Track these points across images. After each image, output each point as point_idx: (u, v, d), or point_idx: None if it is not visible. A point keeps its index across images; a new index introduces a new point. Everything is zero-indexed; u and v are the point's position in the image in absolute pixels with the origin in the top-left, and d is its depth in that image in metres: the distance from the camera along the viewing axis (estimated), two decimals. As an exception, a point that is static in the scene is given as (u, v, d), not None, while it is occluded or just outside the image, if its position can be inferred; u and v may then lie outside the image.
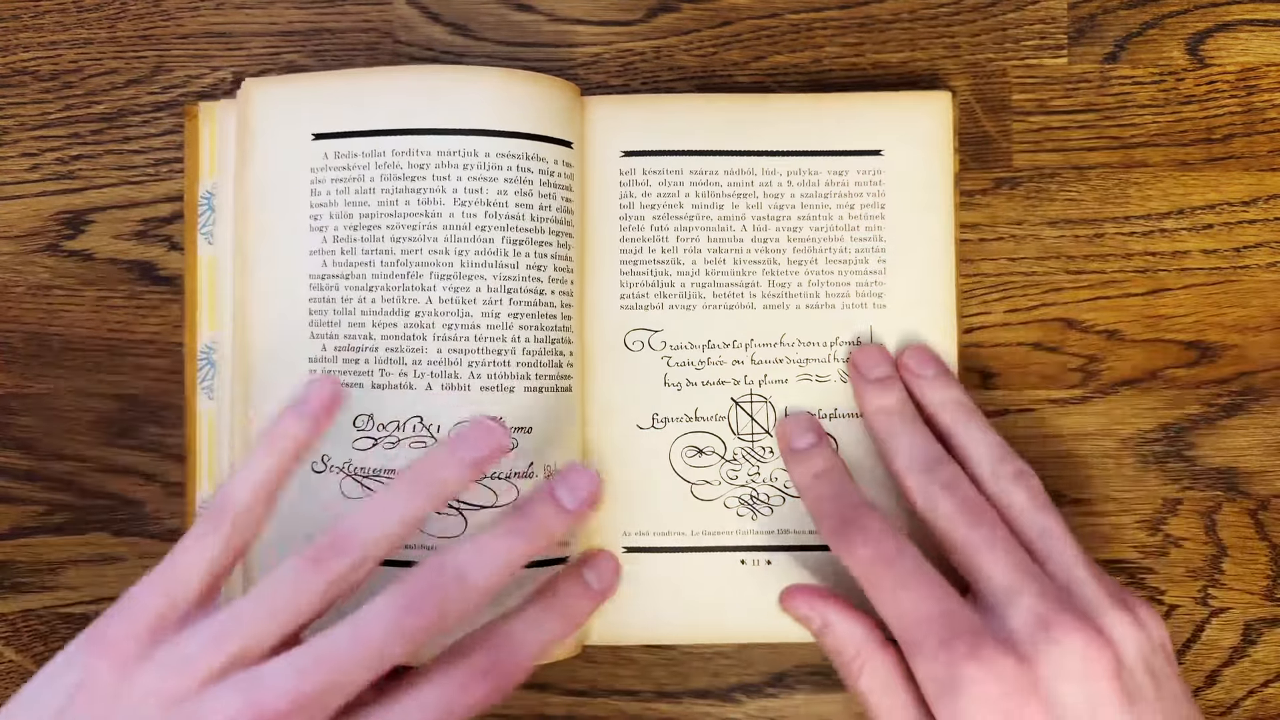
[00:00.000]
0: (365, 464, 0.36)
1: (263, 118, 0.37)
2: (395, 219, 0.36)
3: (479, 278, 0.36)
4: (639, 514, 0.38)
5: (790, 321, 0.38)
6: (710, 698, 0.39)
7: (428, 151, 0.36)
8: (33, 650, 0.39)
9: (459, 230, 0.36)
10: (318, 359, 0.36)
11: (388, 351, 0.36)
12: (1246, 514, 0.40)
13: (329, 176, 0.36)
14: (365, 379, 0.36)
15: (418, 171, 0.36)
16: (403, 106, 0.36)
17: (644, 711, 0.40)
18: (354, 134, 0.36)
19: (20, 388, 0.40)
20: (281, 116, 0.37)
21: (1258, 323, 0.40)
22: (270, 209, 0.37)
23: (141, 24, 0.41)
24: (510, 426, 0.36)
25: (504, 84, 0.36)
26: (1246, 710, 0.40)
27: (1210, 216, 0.40)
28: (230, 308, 0.38)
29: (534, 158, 0.36)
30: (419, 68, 0.39)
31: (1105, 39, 0.40)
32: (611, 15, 0.41)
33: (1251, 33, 0.40)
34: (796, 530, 0.38)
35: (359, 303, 0.36)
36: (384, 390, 0.36)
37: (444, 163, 0.36)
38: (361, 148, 0.36)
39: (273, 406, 0.36)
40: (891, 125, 0.38)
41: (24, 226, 0.40)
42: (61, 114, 0.40)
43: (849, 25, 0.40)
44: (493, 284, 0.36)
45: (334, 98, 0.37)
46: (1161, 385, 0.40)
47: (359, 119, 0.36)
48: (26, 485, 0.40)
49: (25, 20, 0.41)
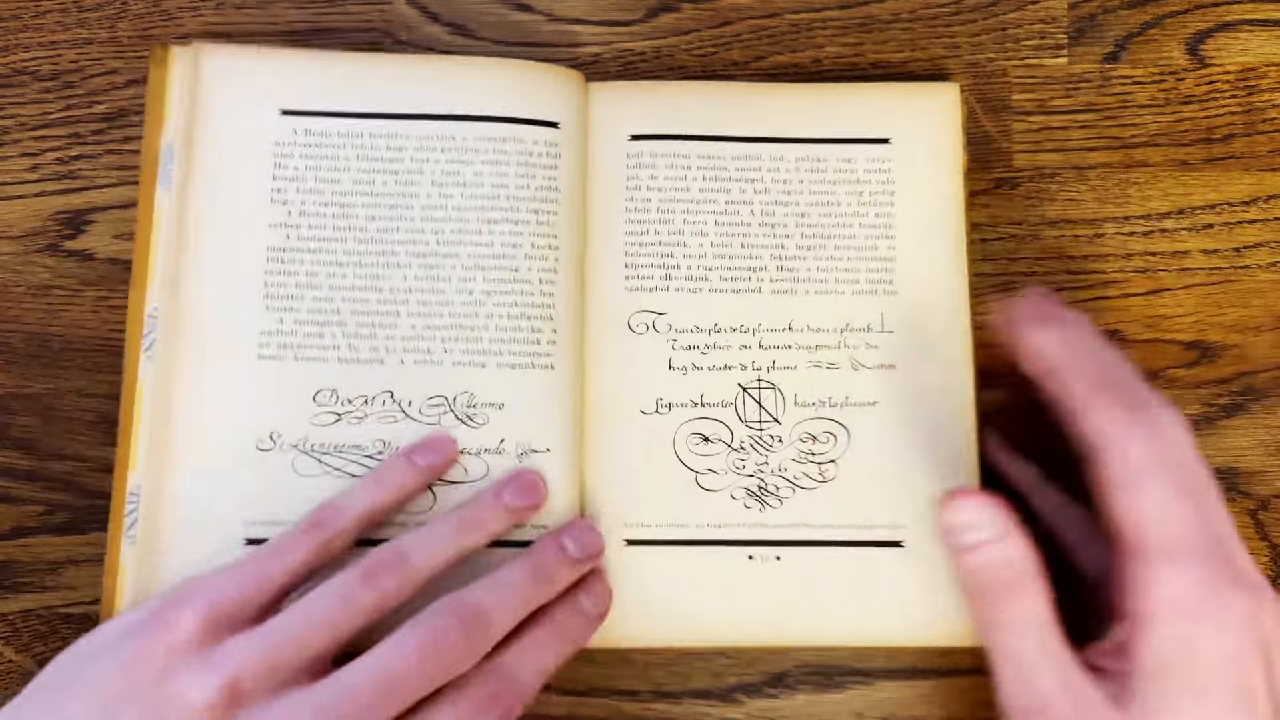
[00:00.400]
0: (325, 440, 0.36)
1: (223, 86, 0.37)
2: (371, 198, 0.37)
3: (453, 255, 0.37)
4: (641, 503, 0.37)
5: (799, 307, 0.38)
6: (710, 698, 0.39)
7: (406, 135, 0.37)
8: (33, 650, 0.39)
9: (434, 210, 0.37)
10: (272, 331, 0.36)
11: (358, 327, 0.36)
12: (1246, 514, 0.40)
13: (297, 152, 0.37)
14: (331, 353, 0.36)
15: (395, 154, 0.37)
16: (382, 94, 0.37)
17: (644, 711, 0.40)
18: (329, 114, 0.37)
19: (20, 388, 0.40)
20: (243, 88, 0.37)
21: (1258, 323, 0.40)
22: (224, 178, 0.37)
23: (141, 24, 0.41)
24: (481, 403, 0.36)
25: (481, 71, 0.37)
26: (1246, 710, 0.40)
27: (1210, 216, 0.40)
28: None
29: (511, 139, 0.37)
30: (397, 56, 0.39)
31: (1105, 39, 0.40)
32: (611, 15, 0.41)
33: (1252, 33, 0.40)
34: (808, 524, 0.37)
35: (327, 278, 0.36)
36: (351, 365, 0.36)
37: (422, 146, 0.37)
38: (337, 128, 0.37)
39: (209, 379, 0.36)
40: (899, 115, 0.39)
41: (24, 226, 0.40)
42: (62, 114, 0.40)
43: (849, 25, 0.40)
44: (466, 262, 0.36)
45: (306, 77, 0.37)
46: (1161, 385, 0.40)
47: (336, 101, 0.37)
48: (26, 485, 0.40)
49: (25, 20, 0.41)
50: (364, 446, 0.36)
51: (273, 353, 0.36)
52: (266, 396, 0.36)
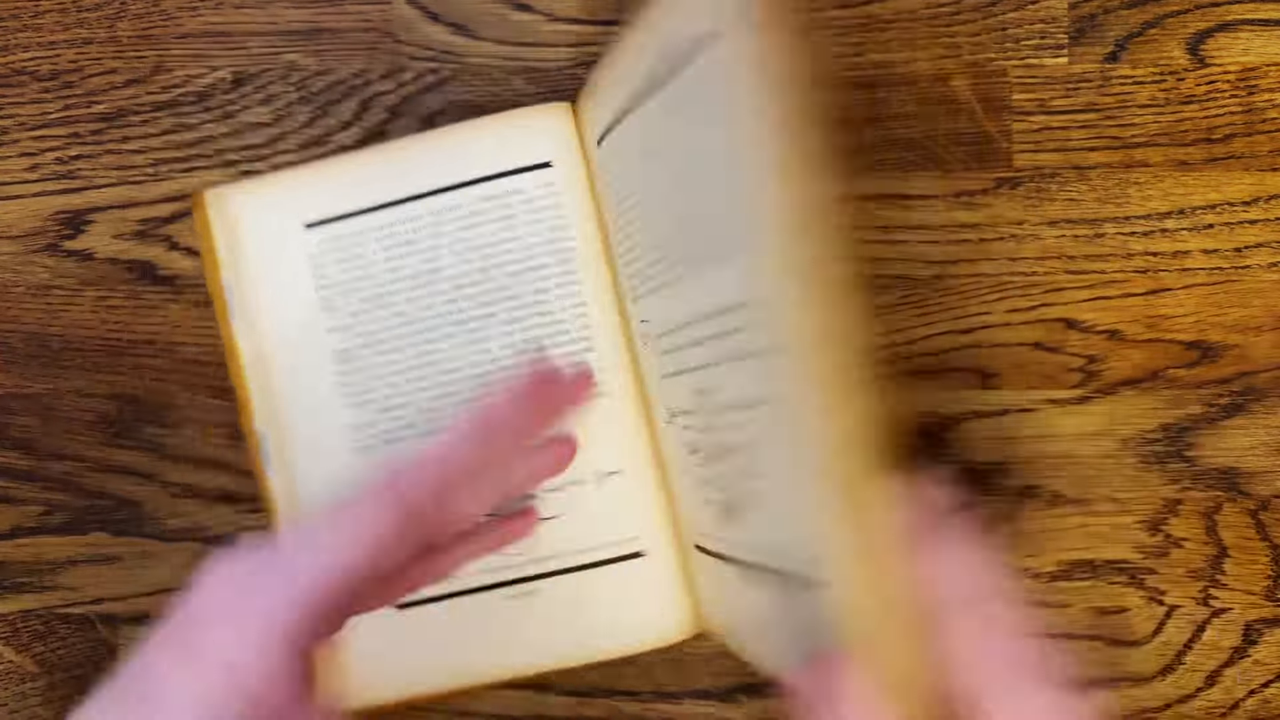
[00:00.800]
0: None
1: (250, 217, 0.38)
2: (404, 281, 0.38)
3: (490, 314, 0.38)
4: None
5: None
6: (711, 698, 0.39)
7: (419, 214, 0.38)
8: (32, 650, 0.39)
9: (461, 278, 0.38)
10: (360, 425, 0.38)
11: (428, 401, 0.38)
12: (1247, 514, 0.40)
13: (329, 258, 0.38)
14: (410, 431, 0.38)
15: (413, 235, 0.38)
16: (386, 183, 0.38)
17: (644, 712, 0.39)
18: (346, 216, 0.38)
19: (20, 388, 0.40)
20: (268, 214, 0.38)
21: (1259, 323, 0.40)
22: (278, 299, 0.38)
23: (141, 24, 0.41)
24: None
25: (468, 135, 0.38)
26: (1247, 710, 0.40)
27: (1211, 216, 0.40)
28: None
29: (511, 192, 0.38)
30: (387, 145, 0.39)
31: (1106, 39, 0.40)
32: (612, 14, 0.41)
33: (1253, 32, 0.40)
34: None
35: (389, 366, 0.38)
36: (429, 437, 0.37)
37: (434, 221, 0.38)
38: (357, 226, 0.38)
39: (321, 480, 0.38)
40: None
41: (23, 226, 0.40)
42: (61, 114, 0.40)
43: (849, 25, 0.40)
44: (503, 317, 0.38)
45: (317, 188, 0.38)
46: (1162, 385, 0.40)
47: (348, 202, 0.38)
48: (26, 485, 0.40)
49: (25, 20, 0.40)
50: None
51: (365, 444, 0.38)
52: None
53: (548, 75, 0.40)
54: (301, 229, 0.38)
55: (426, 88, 0.40)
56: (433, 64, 0.40)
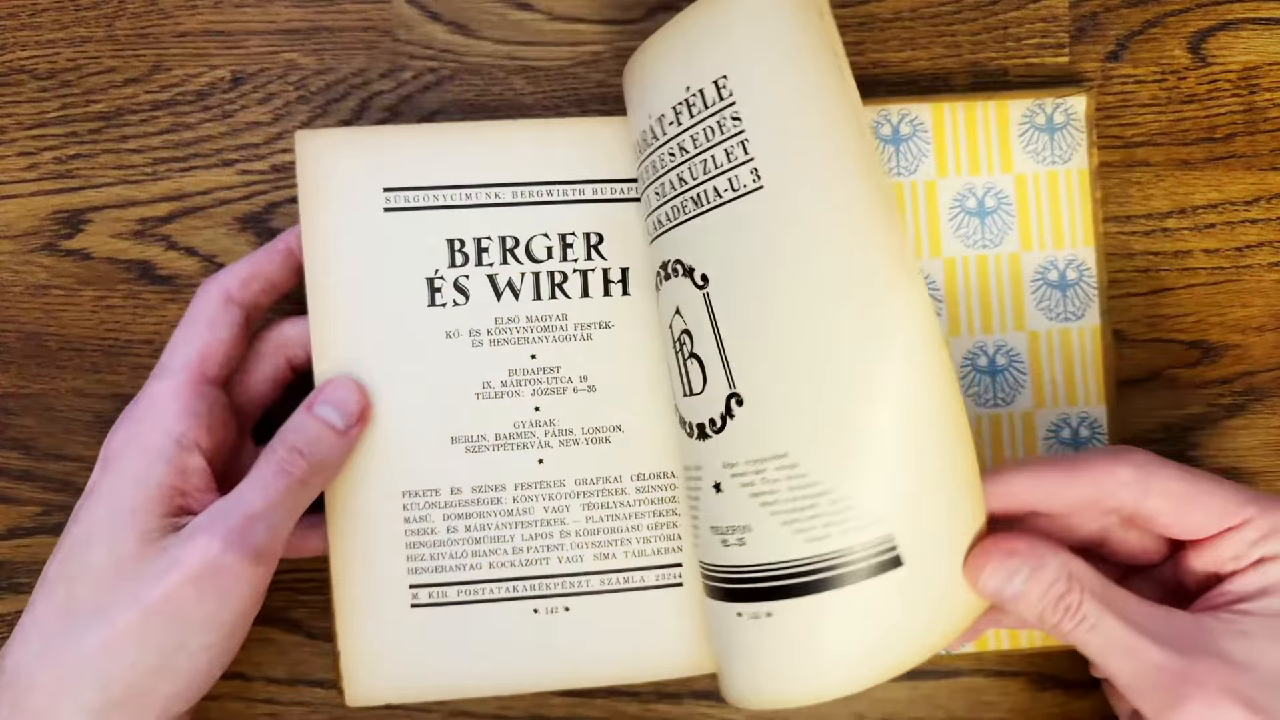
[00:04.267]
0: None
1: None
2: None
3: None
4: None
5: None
6: (711, 699, 0.39)
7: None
8: (30, 651, 0.39)
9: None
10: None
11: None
12: (1248, 514, 0.40)
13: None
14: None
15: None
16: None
17: (644, 712, 0.39)
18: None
19: (18, 388, 0.40)
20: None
21: (1260, 322, 0.40)
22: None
23: (139, 22, 0.40)
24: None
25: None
26: (1248, 711, 0.39)
27: (1212, 216, 0.40)
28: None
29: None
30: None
31: (1107, 38, 0.40)
32: (612, 14, 0.40)
33: (1253, 31, 0.40)
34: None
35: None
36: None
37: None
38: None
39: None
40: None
41: (21, 226, 0.40)
42: (59, 113, 0.40)
43: (849, 24, 0.40)
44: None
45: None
46: (1164, 385, 0.40)
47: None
48: (24, 486, 0.40)
49: (23, 19, 0.40)
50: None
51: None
52: None
53: (548, 75, 0.40)
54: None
55: (426, 87, 0.40)
56: (432, 63, 0.40)
